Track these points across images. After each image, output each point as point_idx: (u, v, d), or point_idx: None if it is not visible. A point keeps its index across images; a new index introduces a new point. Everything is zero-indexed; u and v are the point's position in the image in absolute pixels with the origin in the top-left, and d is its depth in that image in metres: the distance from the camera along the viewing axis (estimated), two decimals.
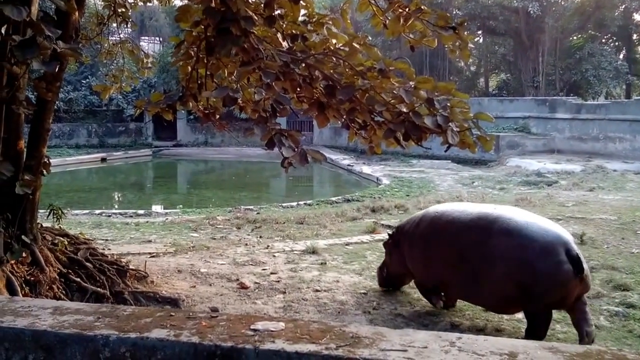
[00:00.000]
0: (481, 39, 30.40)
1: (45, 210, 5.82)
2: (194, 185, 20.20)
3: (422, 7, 4.03)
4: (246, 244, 8.02)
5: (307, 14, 4.25)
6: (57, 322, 2.02)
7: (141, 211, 11.34)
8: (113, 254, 6.20)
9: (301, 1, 4.01)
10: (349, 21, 4.48)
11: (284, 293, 5.88)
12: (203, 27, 3.80)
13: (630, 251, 7.46)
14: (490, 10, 26.86)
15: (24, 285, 4.61)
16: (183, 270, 6.55)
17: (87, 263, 5.33)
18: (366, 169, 18.93)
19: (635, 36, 29.91)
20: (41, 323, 2.01)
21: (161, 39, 30.80)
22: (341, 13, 4.47)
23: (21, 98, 4.33)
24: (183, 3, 4.43)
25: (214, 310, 5.17)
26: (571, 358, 1.71)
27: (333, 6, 23.35)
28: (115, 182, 20.71)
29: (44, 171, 5.03)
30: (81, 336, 1.92)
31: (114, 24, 6.86)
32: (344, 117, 3.92)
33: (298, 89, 3.91)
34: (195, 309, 5.26)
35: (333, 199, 12.80)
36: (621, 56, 29.46)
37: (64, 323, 2.01)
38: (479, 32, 29.48)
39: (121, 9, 6.63)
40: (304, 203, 12.29)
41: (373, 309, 5.48)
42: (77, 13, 4.93)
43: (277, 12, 3.93)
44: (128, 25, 7.01)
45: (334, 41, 4.04)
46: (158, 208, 13.75)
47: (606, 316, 5.23)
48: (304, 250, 7.54)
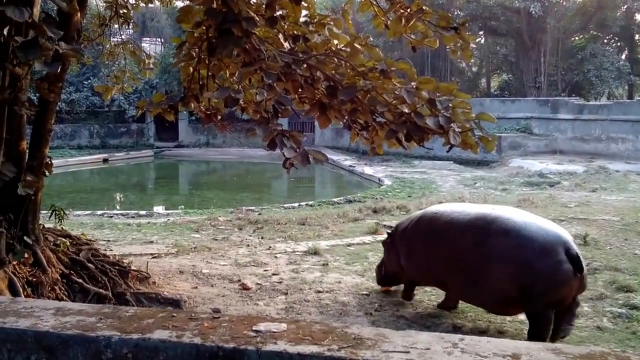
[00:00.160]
0: (483, 40, 30.40)
1: (47, 211, 5.82)
2: (196, 186, 20.20)
3: (424, 8, 4.02)
4: (248, 245, 8.02)
5: (309, 15, 4.25)
6: (60, 323, 2.02)
7: (143, 212, 11.35)
8: (115, 255, 6.21)
9: (303, 2, 4.01)
10: (351, 22, 4.48)
11: (286, 294, 5.87)
12: (204, 28, 3.79)
13: (633, 252, 7.43)
14: (491, 10, 26.84)
15: (26, 286, 4.61)
16: (185, 271, 6.55)
17: (89, 264, 5.34)
18: (368, 170, 18.91)
19: (637, 36, 29.83)
20: (43, 324, 2.01)
21: (163, 40, 30.83)
22: (342, 14, 4.47)
23: (23, 99, 4.33)
24: (184, 4, 4.43)
25: (216, 311, 5.17)
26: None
27: (334, 7, 23.42)
28: (117, 183, 20.74)
29: (46, 172, 5.03)
30: (83, 337, 1.93)
31: (116, 25, 6.88)
32: (346, 118, 3.91)
33: (300, 90, 3.90)
34: (197, 310, 5.25)
35: (335, 200, 12.80)
36: (623, 56, 29.43)
37: (66, 324, 2.01)
38: (481, 33, 29.49)
39: (123, 10, 6.64)
40: (306, 204, 12.29)
41: (375, 311, 5.47)
42: (79, 14, 4.94)
43: (279, 13, 3.92)
44: (130, 26, 7.01)
45: (336, 42, 4.04)
46: (160, 209, 13.78)
47: (609, 318, 5.20)
48: (306, 251, 7.54)
